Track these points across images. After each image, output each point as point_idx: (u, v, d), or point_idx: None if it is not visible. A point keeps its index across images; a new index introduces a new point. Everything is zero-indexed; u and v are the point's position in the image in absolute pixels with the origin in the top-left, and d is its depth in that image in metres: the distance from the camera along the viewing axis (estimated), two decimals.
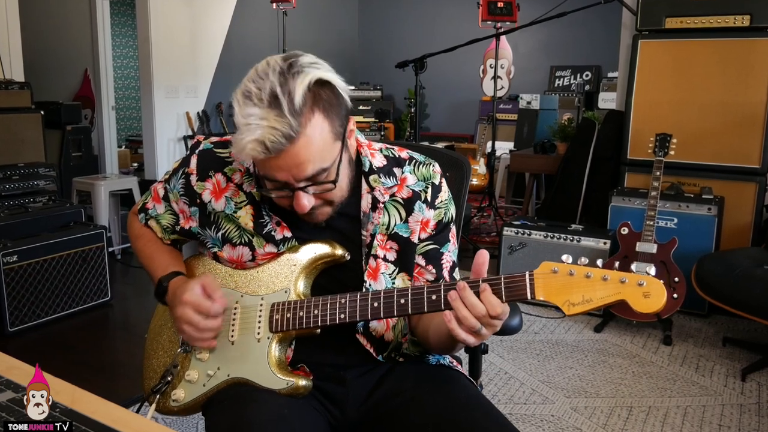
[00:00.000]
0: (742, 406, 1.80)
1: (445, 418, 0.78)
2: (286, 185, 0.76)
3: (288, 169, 0.74)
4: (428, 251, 0.88)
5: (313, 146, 0.73)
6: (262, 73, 0.73)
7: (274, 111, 0.71)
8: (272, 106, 0.71)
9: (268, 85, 0.72)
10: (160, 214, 0.95)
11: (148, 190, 0.99)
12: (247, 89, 0.73)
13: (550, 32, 5.01)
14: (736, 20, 2.45)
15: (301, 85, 0.72)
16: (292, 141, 0.72)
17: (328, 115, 0.74)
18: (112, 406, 0.65)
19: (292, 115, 0.71)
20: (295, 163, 0.73)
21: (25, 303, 2.23)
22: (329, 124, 0.75)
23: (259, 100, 0.71)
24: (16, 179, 2.53)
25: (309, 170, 0.74)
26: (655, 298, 0.67)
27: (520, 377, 1.97)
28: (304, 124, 0.72)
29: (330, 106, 0.75)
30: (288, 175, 0.75)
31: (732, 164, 2.49)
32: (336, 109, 0.76)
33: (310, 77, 0.73)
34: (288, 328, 0.81)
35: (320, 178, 0.76)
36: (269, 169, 0.75)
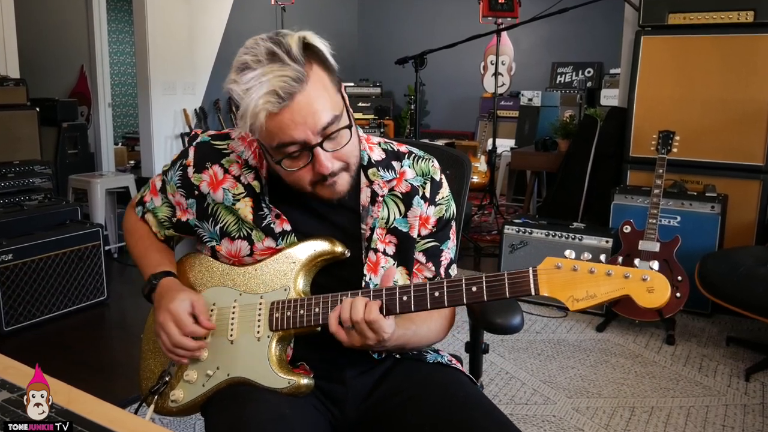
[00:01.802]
0: (746, 406, 1.79)
1: (444, 418, 0.78)
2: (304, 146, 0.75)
3: (304, 120, 0.73)
4: (428, 248, 0.88)
5: (321, 92, 0.73)
6: (252, 44, 0.74)
7: (275, 64, 0.71)
8: (272, 61, 0.71)
9: (261, 49, 0.72)
10: (157, 207, 0.94)
11: (147, 184, 0.98)
12: (241, 62, 0.73)
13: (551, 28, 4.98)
14: (740, 16, 2.42)
15: (294, 41, 0.73)
16: (302, 84, 0.72)
17: (323, 68, 0.75)
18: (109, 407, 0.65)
19: (294, 62, 0.72)
20: (310, 111, 0.73)
21: (21, 302, 2.21)
22: (328, 74, 0.76)
23: (257, 62, 0.72)
24: (11, 177, 2.51)
25: (324, 117, 0.74)
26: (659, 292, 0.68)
27: (521, 377, 1.96)
28: (308, 72, 0.73)
29: (323, 61, 0.76)
30: (305, 129, 0.73)
31: (736, 162, 2.47)
32: (329, 65, 0.76)
33: (298, 35, 0.74)
34: (288, 326, 0.80)
35: (336, 126, 0.75)
36: (285, 128, 0.73)
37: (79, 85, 4.34)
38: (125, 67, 6.45)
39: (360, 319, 0.74)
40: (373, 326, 0.74)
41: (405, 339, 0.81)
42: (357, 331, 0.75)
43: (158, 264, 0.90)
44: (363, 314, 0.74)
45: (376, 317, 0.74)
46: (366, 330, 0.74)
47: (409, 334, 0.82)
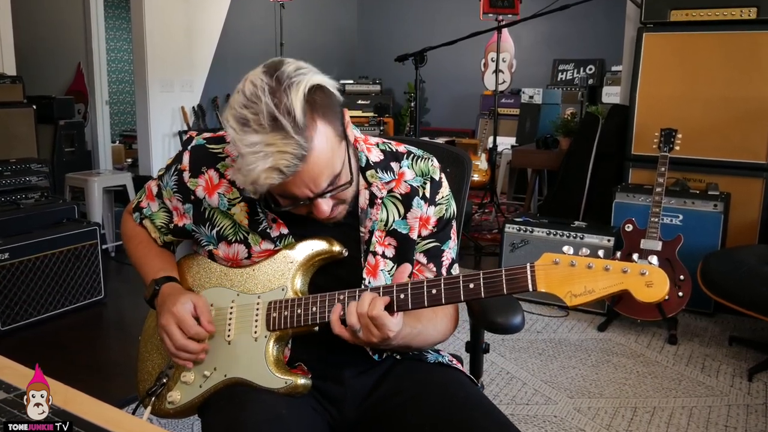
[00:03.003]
0: (749, 406, 1.78)
1: (444, 418, 0.77)
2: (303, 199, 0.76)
3: (305, 185, 0.74)
4: (429, 249, 0.88)
5: (324, 157, 0.73)
6: (252, 97, 0.70)
7: (279, 134, 0.69)
8: (275, 129, 0.69)
9: (263, 108, 0.69)
10: (154, 213, 0.93)
11: (143, 188, 0.97)
12: (241, 116, 0.70)
13: (552, 25, 4.95)
14: (743, 13, 2.41)
15: (297, 98, 0.70)
16: (305, 159, 0.71)
17: (328, 120, 0.73)
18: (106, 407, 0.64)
19: (298, 133, 0.70)
20: (312, 178, 0.73)
21: (17, 301, 2.20)
22: (332, 128, 0.74)
23: (259, 126, 0.69)
24: (7, 175, 2.49)
25: (325, 180, 0.74)
26: (657, 287, 0.67)
27: (522, 377, 1.95)
28: (311, 138, 0.71)
29: (327, 110, 0.73)
30: (306, 191, 0.74)
31: (738, 160, 2.46)
32: (333, 110, 0.75)
33: (302, 87, 0.71)
34: (285, 326, 0.80)
35: (336, 183, 0.76)
36: (285, 190, 0.75)
37: (76, 82, 4.32)
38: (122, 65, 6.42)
39: (364, 312, 0.73)
40: (377, 322, 0.73)
41: (410, 338, 0.80)
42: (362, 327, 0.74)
43: (160, 269, 0.89)
44: (367, 309, 0.73)
45: (378, 313, 0.73)
46: (371, 326, 0.74)
47: (414, 333, 0.81)
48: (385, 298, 0.74)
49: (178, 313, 0.81)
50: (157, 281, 0.87)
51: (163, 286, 0.86)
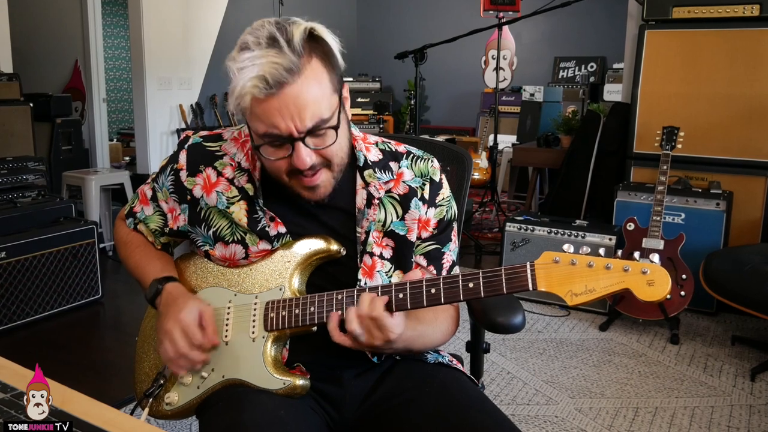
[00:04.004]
0: (752, 406, 1.77)
1: (444, 419, 0.77)
2: (286, 138, 0.73)
3: (289, 113, 0.71)
4: (430, 251, 0.87)
5: (313, 89, 0.72)
6: (257, 26, 0.73)
7: (273, 49, 0.70)
8: (271, 47, 0.70)
9: (264, 32, 0.71)
10: (148, 217, 0.92)
11: (135, 193, 0.95)
12: (242, 42, 0.72)
13: (553, 22, 4.93)
14: (746, 10, 2.40)
15: (298, 30, 0.72)
16: (293, 75, 0.70)
17: (325, 64, 0.73)
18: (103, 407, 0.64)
19: (292, 52, 0.70)
20: (297, 106, 0.71)
21: (14, 301, 2.18)
22: (327, 73, 0.73)
23: (257, 45, 0.70)
24: (4, 173, 2.48)
25: (310, 116, 0.72)
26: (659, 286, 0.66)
27: (523, 377, 1.93)
28: (304, 65, 0.71)
29: (327, 57, 0.74)
30: (288, 122, 0.72)
31: (741, 158, 2.45)
32: (332, 62, 0.75)
33: (305, 25, 0.73)
34: (283, 326, 0.79)
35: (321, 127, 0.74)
36: (269, 116, 0.71)
37: (73, 80, 4.30)
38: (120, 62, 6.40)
39: (364, 314, 0.72)
40: (378, 323, 0.72)
41: (412, 340, 0.79)
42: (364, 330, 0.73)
43: (161, 270, 0.88)
44: (367, 310, 0.72)
45: (379, 314, 0.72)
46: (372, 328, 0.73)
47: (415, 335, 0.80)
48: (383, 298, 0.73)
49: (184, 320, 0.79)
50: (159, 280, 0.85)
51: (166, 285, 0.84)
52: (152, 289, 0.85)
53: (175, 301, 0.82)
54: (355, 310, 0.73)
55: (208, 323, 0.80)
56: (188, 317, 0.79)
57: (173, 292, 0.84)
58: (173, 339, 0.79)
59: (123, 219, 0.96)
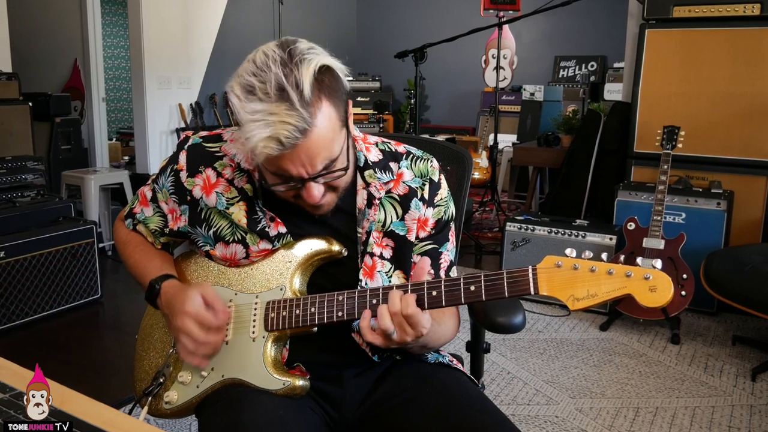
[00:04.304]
0: (752, 407, 1.77)
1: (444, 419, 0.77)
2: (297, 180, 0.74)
3: (301, 162, 0.72)
4: (427, 251, 0.87)
5: (324, 137, 0.72)
6: (262, 65, 0.70)
7: (284, 104, 0.68)
8: (281, 99, 0.68)
9: (272, 77, 0.69)
10: (148, 218, 0.92)
11: (135, 195, 0.95)
12: (248, 84, 0.70)
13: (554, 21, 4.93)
14: (746, 9, 2.39)
15: (307, 73, 0.70)
16: (306, 134, 0.70)
17: (333, 102, 0.73)
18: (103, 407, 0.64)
19: (303, 106, 0.69)
20: (308, 157, 0.72)
21: (13, 300, 2.18)
22: (335, 111, 0.73)
23: (265, 94, 0.69)
24: (3, 173, 2.47)
25: (321, 162, 0.73)
26: (661, 292, 0.66)
27: (523, 377, 1.93)
28: (315, 115, 0.70)
29: (334, 93, 0.73)
30: (300, 169, 0.73)
31: (742, 157, 2.44)
32: (339, 95, 0.74)
33: (314, 65, 0.71)
34: (284, 326, 0.79)
35: (331, 167, 0.75)
36: (281, 165, 0.72)
37: (72, 79, 4.29)
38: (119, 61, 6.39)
39: (397, 311, 0.72)
40: (411, 320, 0.72)
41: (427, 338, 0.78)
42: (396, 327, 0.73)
43: (159, 268, 0.88)
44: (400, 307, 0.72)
45: (414, 311, 0.72)
46: (405, 325, 0.73)
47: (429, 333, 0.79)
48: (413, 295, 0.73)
49: (192, 310, 0.78)
50: (156, 280, 0.85)
51: (163, 284, 0.84)
52: (150, 289, 0.85)
53: (176, 297, 0.81)
54: (387, 307, 0.73)
55: (215, 301, 0.80)
56: (193, 306, 0.78)
57: (170, 291, 0.83)
58: (188, 331, 0.78)
59: (122, 220, 0.96)
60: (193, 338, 0.78)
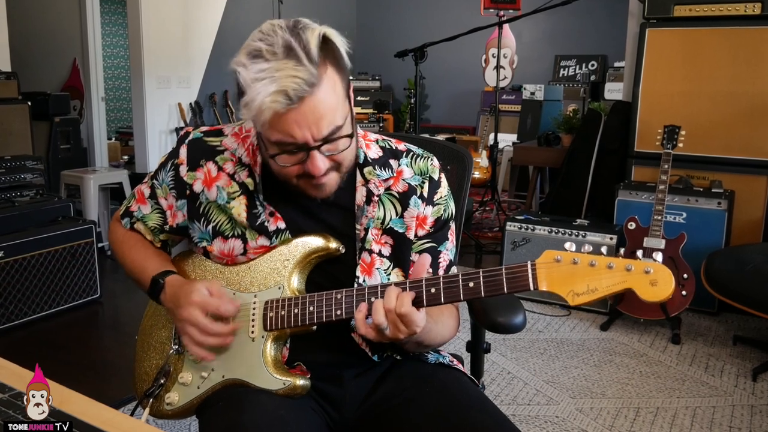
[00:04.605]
0: (753, 407, 1.76)
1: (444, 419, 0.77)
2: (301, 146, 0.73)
3: (306, 123, 0.71)
4: (425, 249, 0.86)
5: (330, 98, 0.71)
6: (268, 31, 0.71)
7: (291, 61, 0.69)
8: (288, 57, 0.69)
9: (279, 40, 0.70)
10: (146, 215, 0.91)
11: (131, 193, 0.94)
12: (255, 48, 0.70)
13: (554, 20, 4.92)
14: (747, 8, 2.39)
15: (313, 38, 0.71)
16: (314, 88, 0.69)
17: (338, 69, 0.73)
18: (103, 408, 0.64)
19: (311, 63, 0.69)
20: (315, 117, 0.71)
21: (12, 300, 2.17)
22: (340, 79, 0.74)
23: (272, 54, 0.69)
24: (2, 172, 2.46)
25: (327, 125, 0.72)
26: (662, 285, 0.65)
27: (523, 377, 1.93)
28: (321, 74, 0.70)
29: (338, 62, 0.74)
30: (307, 132, 0.72)
31: (743, 157, 2.44)
32: (343, 66, 0.75)
33: (319, 31, 0.72)
34: (283, 326, 0.79)
35: (338, 134, 0.74)
36: (287, 127, 0.71)
37: (71, 78, 4.29)
38: (119, 60, 6.39)
39: (392, 308, 0.72)
40: (405, 319, 0.72)
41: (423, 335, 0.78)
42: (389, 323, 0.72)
43: (159, 266, 0.87)
44: (395, 305, 0.72)
45: (408, 310, 0.71)
46: (398, 323, 0.72)
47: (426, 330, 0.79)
48: (411, 293, 0.73)
49: (197, 299, 0.78)
50: (158, 275, 0.84)
51: (167, 279, 0.84)
52: (153, 285, 0.85)
53: (181, 289, 0.81)
54: (382, 303, 0.73)
55: (221, 293, 0.80)
56: (199, 295, 0.78)
57: (175, 284, 0.83)
58: (195, 320, 0.78)
59: (118, 220, 0.95)
60: (200, 327, 0.78)
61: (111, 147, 4.77)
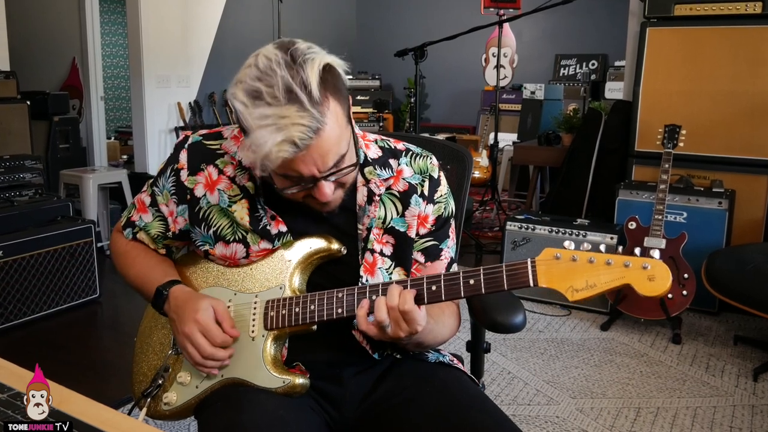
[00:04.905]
0: (754, 407, 1.76)
1: (444, 418, 0.77)
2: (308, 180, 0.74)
3: (314, 161, 0.72)
4: (427, 248, 0.87)
5: (334, 134, 0.72)
6: (266, 69, 0.69)
7: (293, 106, 0.68)
8: (290, 102, 0.68)
9: (279, 81, 0.68)
10: (148, 224, 0.90)
11: (131, 204, 0.94)
12: (254, 89, 0.69)
13: (554, 19, 4.91)
14: (748, 7, 2.38)
15: (313, 73, 0.70)
16: (319, 133, 0.70)
17: (338, 99, 0.73)
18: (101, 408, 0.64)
19: (313, 106, 0.69)
20: (320, 155, 0.71)
21: (11, 300, 2.17)
22: (341, 108, 0.73)
23: (273, 98, 0.68)
24: (1, 172, 2.46)
25: (332, 159, 0.73)
26: (660, 280, 0.66)
27: (523, 377, 1.92)
28: (325, 114, 0.70)
29: (338, 90, 0.73)
30: (313, 168, 0.72)
31: (743, 156, 2.43)
32: (342, 92, 0.75)
33: (317, 64, 0.71)
34: (283, 325, 0.79)
35: (341, 164, 0.75)
36: (293, 167, 0.72)
37: (70, 77, 4.28)
38: (118, 60, 6.38)
39: (394, 306, 0.72)
40: (408, 317, 0.72)
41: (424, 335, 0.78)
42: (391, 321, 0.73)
43: (162, 275, 0.87)
44: (398, 302, 0.72)
45: (411, 307, 0.72)
46: (400, 321, 0.72)
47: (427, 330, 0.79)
48: (412, 291, 0.73)
49: (201, 321, 0.78)
50: (163, 286, 0.84)
51: (171, 290, 0.83)
52: (158, 296, 0.84)
53: (186, 303, 0.81)
54: (385, 300, 0.73)
55: (224, 318, 0.80)
56: (205, 317, 0.78)
57: (180, 296, 0.82)
58: (196, 343, 0.78)
59: (120, 231, 0.94)
60: (200, 350, 0.79)
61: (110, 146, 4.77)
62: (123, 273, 0.93)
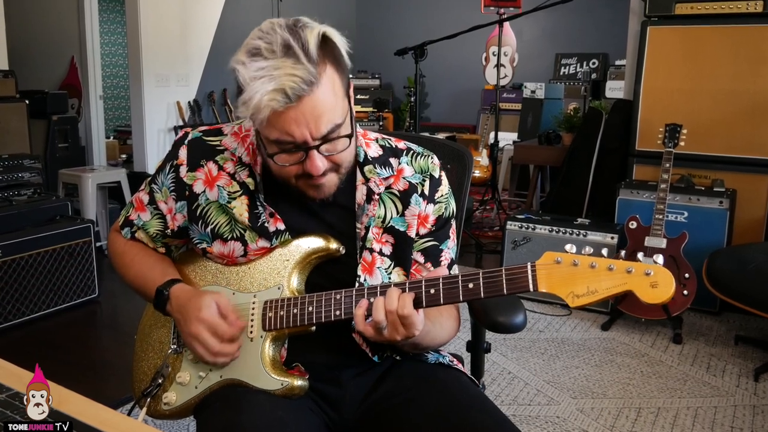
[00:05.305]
0: (755, 407, 1.76)
1: (445, 419, 0.77)
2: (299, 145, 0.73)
3: (306, 122, 0.71)
4: (427, 248, 0.86)
5: (329, 97, 0.71)
6: (268, 30, 0.71)
7: (290, 59, 0.69)
8: (287, 56, 0.69)
9: (278, 38, 0.70)
10: (147, 222, 0.89)
11: (128, 203, 0.93)
12: (253, 46, 0.70)
13: (555, 18, 4.90)
14: (749, 6, 2.38)
15: (312, 36, 0.71)
16: (312, 87, 0.69)
17: (337, 68, 0.73)
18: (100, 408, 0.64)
19: (309, 62, 0.69)
20: (314, 115, 0.71)
21: (10, 300, 2.17)
22: (339, 77, 0.73)
23: (271, 53, 0.69)
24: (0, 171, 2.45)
25: (325, 124, 0.72)
26: (663, 287, 0.65)
27: (524, 377, 1.92)
28: (320, 73, 0.70)
29: (338, 61, 0.74)
30: (305, 131, 0.71)
31: (744, 155, 2.43)
32: (343, 65, 0.75)
33: (318, 30, 0.72)
34: (281, 326, 0.79)
35: (336, 134, 0.74)
36: (286, 126, 0.71)
37: (69, 76, 4.28)
38: (117, 59, 6.38)
39: (393, 309, 0.72)
40: (406, 321, 0.71)
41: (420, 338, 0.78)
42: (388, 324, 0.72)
43: (161, 275, 0.86)
44: (396, 306, 0.71)
45: (410, 312, 0.71)
46: (398, 324, 0.72)
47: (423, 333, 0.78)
48: (411, 294, 0.72)
49: (207, 318, 0.78)
50: (163, 286, 0.83)
51: (172, 290, 0.82)
52: (158, 297, 0.83)
53: (189, 302, 0.80)
54: (384, 302, 0.72)
55: (228, 312, 0.79)
56: (208, 314, 0.78)
57: (181, 295, 0.82)
58: (204, 341, 0.78)
59: (118, 231, 0.93)
60: (209, 348, 0.78)
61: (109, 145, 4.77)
62: (121, 273, 0.92)
